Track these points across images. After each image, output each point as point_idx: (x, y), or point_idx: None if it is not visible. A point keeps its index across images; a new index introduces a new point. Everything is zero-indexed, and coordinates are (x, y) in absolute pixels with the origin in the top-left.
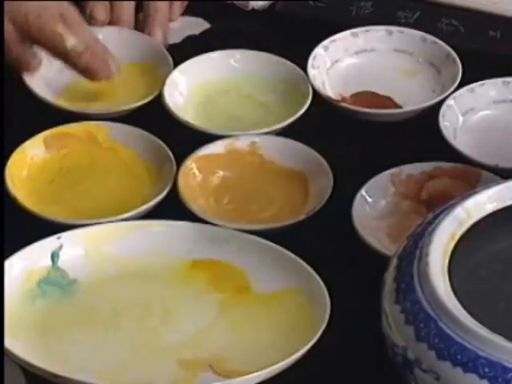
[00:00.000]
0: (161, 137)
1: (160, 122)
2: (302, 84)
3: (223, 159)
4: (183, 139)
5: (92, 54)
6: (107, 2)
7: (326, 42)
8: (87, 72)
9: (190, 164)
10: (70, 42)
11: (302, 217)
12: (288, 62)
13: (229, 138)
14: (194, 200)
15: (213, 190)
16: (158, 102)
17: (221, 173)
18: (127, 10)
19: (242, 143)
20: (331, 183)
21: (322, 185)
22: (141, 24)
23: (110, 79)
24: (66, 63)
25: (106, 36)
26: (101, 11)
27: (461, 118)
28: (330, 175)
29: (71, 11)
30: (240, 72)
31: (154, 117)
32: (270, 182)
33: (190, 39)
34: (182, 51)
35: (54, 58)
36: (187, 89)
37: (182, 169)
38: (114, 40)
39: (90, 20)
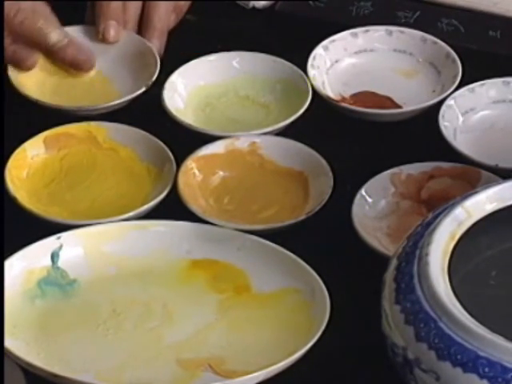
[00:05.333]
0: (161, 137)
1: (160, 124)
2: (302, 84)
3: (223, 159)
4: (183, 139)
5: (76, 47)
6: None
7: (325, 42)
8: (74, 64)
9: (190, 164)
10: (54, 36)
11: (302, 217)
12: (287, 63)
13: (229, 138)
14: (194, 200)
15: (213, 190)
16: (158, 105)
17: (221, 173)
18: (134, 11)
19: (241, 143)
20: (331, 183)
21: (322, 185)
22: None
23: (92, 71)
24: (53, 57)
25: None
26: (112, 29)
27: (461, 118)
28: (330, 175)
29: (47, 10)
30: (239, 73)
31: (153, 118)
32: (270, 182)
33: (189, 39)
34: (182, 52)
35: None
36: (186, 91)
37: (182, 169)
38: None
39: (103, 40)
